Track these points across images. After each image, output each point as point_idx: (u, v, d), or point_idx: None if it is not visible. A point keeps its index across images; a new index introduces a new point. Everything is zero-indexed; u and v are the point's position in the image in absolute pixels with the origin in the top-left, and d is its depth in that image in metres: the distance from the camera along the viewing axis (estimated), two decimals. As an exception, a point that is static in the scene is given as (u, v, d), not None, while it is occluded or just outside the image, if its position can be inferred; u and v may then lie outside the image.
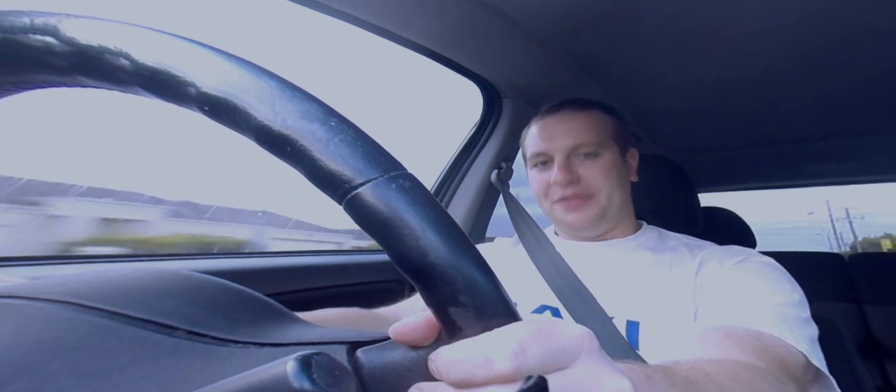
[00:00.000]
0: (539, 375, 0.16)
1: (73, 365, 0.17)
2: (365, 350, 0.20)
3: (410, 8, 0.76)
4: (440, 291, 0.17)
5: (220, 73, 0.18)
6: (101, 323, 0.20)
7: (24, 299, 0.20)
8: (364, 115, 0.27)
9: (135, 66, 0.18)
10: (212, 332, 0.21)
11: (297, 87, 0.18)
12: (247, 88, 0.17)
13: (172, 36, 0.18)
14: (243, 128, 0.17)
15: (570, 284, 0.62)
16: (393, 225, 0.17)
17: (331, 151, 0.17)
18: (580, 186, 0.67)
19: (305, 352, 0.16)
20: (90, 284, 0.22)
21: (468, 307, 0.17)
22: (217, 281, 0.25)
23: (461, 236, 0.18)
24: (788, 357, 0.44)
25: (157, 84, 0.18)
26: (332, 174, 0.17)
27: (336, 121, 0.18)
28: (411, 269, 0.17)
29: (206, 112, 0.18)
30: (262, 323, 0.23)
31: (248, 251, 0.87)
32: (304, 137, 0.17)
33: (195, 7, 1.10)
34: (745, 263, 0.57)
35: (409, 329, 0.19)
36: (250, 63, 0.18)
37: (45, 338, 0.18)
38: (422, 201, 0.17)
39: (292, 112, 0.17)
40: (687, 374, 0.33)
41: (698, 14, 0.80)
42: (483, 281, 0.17)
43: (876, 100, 1.16)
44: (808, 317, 0.51)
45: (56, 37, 0.18)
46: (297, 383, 0.15)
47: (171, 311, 0.21)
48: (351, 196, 0.17)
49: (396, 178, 0.17)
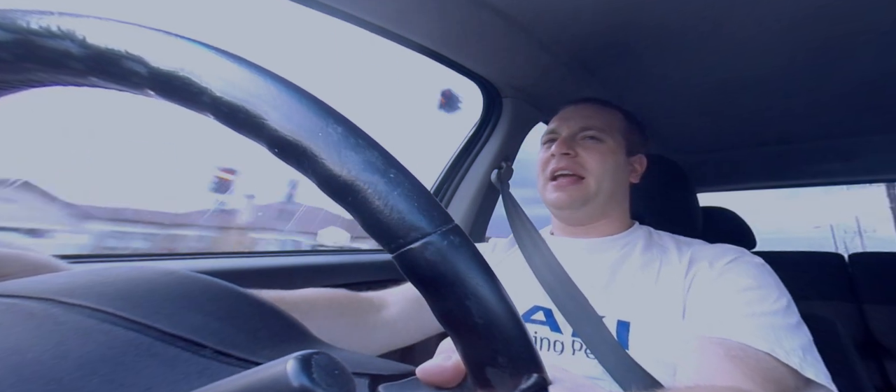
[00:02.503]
0: (539, 376, 0.16)
1: (112, 385, 0.18)
2: (387, 386, 0.20)
3: (411, 8, 0.76)
4: (480, 351, 0.17)
5: (295, 114, 0.18)
6: (135, 339, 0.20)
7: (58, 303, 0.21)
8: (364, 115, 0.27)
9: (213, 101, 0.18)
10: (237, 353, 0.21)
11: (361, 133, 0.18)
12: (316, 133, 0.17)
13: (254, 67, 0.18)
14: (309, 173, 0.18)
15: (562, 286, 0.63)
16: (441, 283, 0.17)
17: (389, 205, 0.17)
18: (574, 163, 0.69)
19: (306, 351, 0.16)
20: (119, 290, 0.23)
21: (505, 368, 0.17)
22: (238, 291, 0.25)
23: (505, 298, 0.18)
24: (783, 378, 0.45)
25: (234, 118, 0.18)
26: (389, 228, 0.17)
27: (395, 172, 0.18)
28: (454, 326, 0.17)
29: (276, 154, 0.18)
30: (282, 343, 0.23)
31: (247, 251, 0.87)
32: (365, 189, 0.17)
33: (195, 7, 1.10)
34: (734, 265, 0.57)
35: (437, 372, 0.20)
36: (320, 102, 0.18)
37: (82, 353, 0.18)
38: (470, 261, 0.17)
39: (357, 163, 0.17)
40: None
41: (698, 14, 0.80)
42: (522, 346, 0.18)
43: (876, 100, 1.16)
44: (798, 321, 0.51)
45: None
46: (296, 382, 0.15)
47: (198, 326, 0.22)
48: (404, 251, 0.17)
49: (447, 234, 0.17)
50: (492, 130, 1.12)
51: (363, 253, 1.04)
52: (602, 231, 0.71)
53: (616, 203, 0.72)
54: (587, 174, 0.68)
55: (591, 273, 0.64)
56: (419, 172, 0.19)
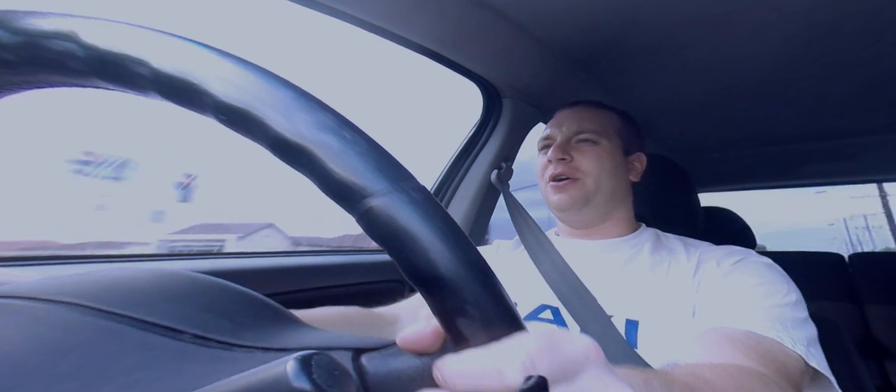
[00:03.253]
0: (539, 375, 0.16)
1: (80, 368, 0.17)
2: (369, 356, 0.20)
3: (410, 8, 0.76)
4: (448, 302, 0.17)
5: (237, 82, 0.18)
6: (108, 325, 0.20)
7: (30, 300, 0.20)
8: (364, 115, 0.27)
9: (153, 73, 0.18)
10: (217, 336, 0.21)
11: (312, 97, 0.18)
12: (263, 98, 0.17)
13: (190, 42, 0.18)
14: (259, 138, 0.18)
15: (569, 284, 0.62)
16: (404, 237, 0.17)
17: (344, 163, 0.17)
18: (570, 167, 0.69)
19: (305, 352, 0.16)
20: (95, 285, 0.22)
21: (475, 318, 0.17)
22: (221, 282, 0.25)
23: (470, 248, 0.18)
24: (788, 361, 0.45)
25: (175, 91, 0.18)
26: (346, 187, 0.17)
27: (350, 132, 0.18)
28: (421, 281, 0.17)
29: (222, 121, 0.18)
30: (266, 327, 0.23)
31: (247, 251, 0.87)
32: (319, 149, 0.17)
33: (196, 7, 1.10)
34: (742, 264, 0.57)
35: (416, 338, 0.19)
36: (267, 72, 0.18)
37: (49, 341, 0.18)
38: (432, 213, 0.17)
39: (308, 123, 0.17)
40: (686, 381, 0.34)
41: (698, 14, 0.80)
42: (490, 292, 0.17)
43: (876, 100, 1.16)
44: (805, 317, 0.51)
45: (76, 41, 0.18)
46: (297, 383, 0.15)
47: (176, 314, 0.21)
48: (364, 209, 0.17)
49: (407, 189, 0.17)
50: (492, 131, 1.12)
51: (363, 253, 1.04)
52: (609, 233, 0.71)
53: (618, 203, 0.72)
54: (583, 176, 0.69)
55: (599, 273, 0.64)
56: (419, 172, 0.19)
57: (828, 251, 1.76)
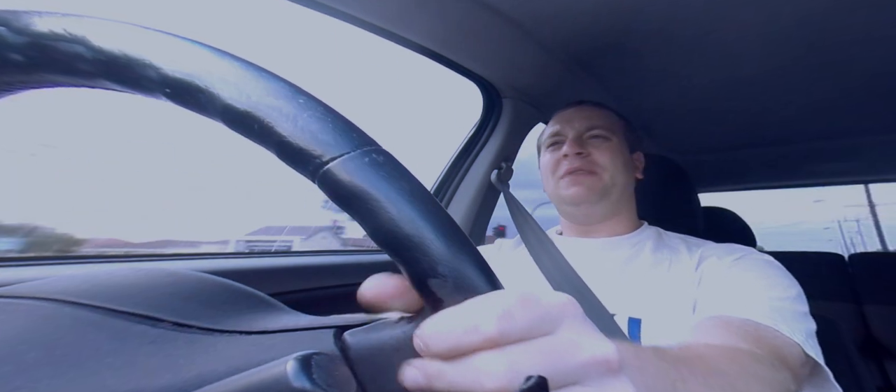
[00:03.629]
0: (539, 375, 0.16)
1: (52, 355, 0.17)
2: (352, 332, 0.20)
3: (410, 8, 0.76)
4: (418, 263, 0.17)
5: (181, 56, 0.17)
6: (83, 316, 0.19)
7: (5, 298, 0.20)
8: (365, 116, 0.27)
9: (93, 54, 0.17)
10: (196, 323, 0.20)
11: (262, 68, 0.18)
12: (210, 69, 0.17)
13: (129, 24, 0.18)
14: (209, 110, 0.17)
15: (571, 283, 0.63)
16: (367, 199, 0.16)
17: (299, 127, 0.17)
18: (588, 161, 0.69)
19: (305, 352, 0.16)
20: (75, 282, 0.22)
21: (447, 278, 0.17)
22: (203, 275, 0.24)
23: (436, 207, 0.17)
24: (785, 348, 0.45)
25: (118, 70, 0.18)
26: (302, 150, 0.17)
27: (304, 98, 0.17)
28: (387, 243, 0.17)
29: (168, 95, 0.17)
30: (248, 313, 0.22)
31: (247, 251, 0.87)
32: (271, 114, 0.17)
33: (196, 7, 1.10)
34: (743, 260, 0.57)
35: (379, 284, 0.19)
36: (212, 46, 0.18)
37: (24, 331, 0.18)
38: (395, 174, 0.17)
39: (258, 90, 0.17)
40: (678, 354, 0.34)
41: (698, 14, 0.80)
42: (460, 250, 0.17)
43: (876, 100, 1.16)
44: (805, 312, 0.51)
45: (8, 27, 0.18)
46: (296, 383, 0.15)
47: (155, 304, 0.21)
48: (323, 171, 0.17)
49: (369, 152, 0.17)
50: (492, 131, 1.12)
51: (363, 253, 1.04)
52: (612, 230, 0.71)
53: (626, 199, 0.72)
54: (601, 171, 0.69)
55: (601, 271, 0.64)
56: (419, 172, 0.18)
57: (828, 251, 1.76)
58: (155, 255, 0.76)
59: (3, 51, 0.18)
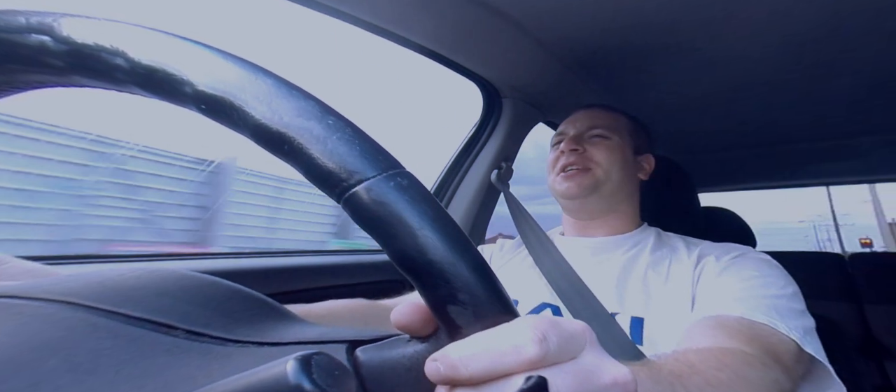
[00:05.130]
0: (539, 375, 0.16)
1: (70, 363, 0.17)
2: (364, 349, 0.20)
3: (410, 8, 0.76)
4: (439, 290, 0.17)
5: (217, 71, 0.17)
6: (99, 322, 0.19)
7: (20, 299, 0.20)
8: (364, 115, 0.27)
9: (131, 65, 0.18)
10: (210, 331, 0.21)
11: (294, 86, 0.18)
12: (243, 86, 0.17)
13: (168, 34, 0.18)
14: (240, 126, 0.17)
15: (570, 283, 0.63)
16: (391, 223, 0.17)
17: (328, 150, 0.17)
18: (582, 158, 0.71)
19: (305, 352, 0.16)
20: (87, 284, 0.22)
21: (467, 305, 0.17)
22: (214, 279, 0.25)
23: (459, 234, 0.17)
24: (779, 345, 0.45)
25: (154, 83, 0.18)
26: (331, 174, 0.17)
27: (334, 119, 0.17)
28: (409, 268, 0.17)
29: (203, 111, 0.18)
30: (260, 322, 0.23)
31: (247, 251, 0.87)
32: (301, 135, 0.17)
33: (196, 7, 1.10)
34: (741, 258, 0.58)
35: (409, 310, 0.19)
36: (247, 61, 0.18)
37: (42, 337, 0.18)
38: (420, 199, 0.17)
39: (289, 110, 0.17)
40: (672, 368, 0.34)
41: (698, 15, 0.80)
42: (481, 279, 0.17)
43: (876, 100, 1.16)
44: (803, 309, 0.51)
45: (52, 36, 0.18)
46: (296, 383, 0.15)
47: (168, 309, 0.21)
48: (349, 195, 0.17)
49: (394, 176, 0.17)
50: (492, 131, 1.12)
51: (364, 253, 1.04)
52: (612, 229, 0.72)
53: (625, 197, 0.73)
54: (594, 167, 0.70)
55: (603, 271, 0.65)
56: (419, 172, 0.18)
57: (828, 251, 1.76)
58: (155, 254, 0.76)
59: (43, 56, 0.18)
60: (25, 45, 0.18)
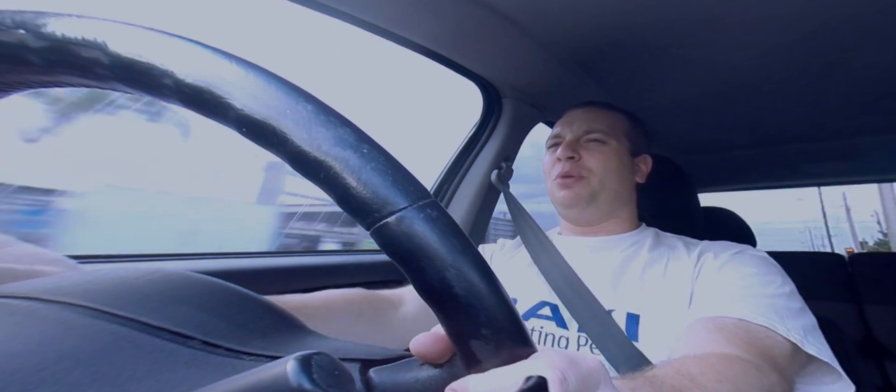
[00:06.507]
0: (539, 375, 0.16)
1: (93, 376, 0.17)
2: (378, 370, 0.20)
3: (410, 8, 0.76)
4: (462, 323, 0.17)
5: (262, 94, 0.18)
6: (119, 331, 0.20)
7: (40, 301, 0.20)
8: (364, 116, 0.27)
9: (176, 82, 0.18)
10: (225, 343, 0.21)
11: (332, 111, 0.18)
12: (285, 112, 0.17)
13: (216, 52, 0.18)
14: (279, 150, 0.18)
15: (569, 282, 0.63)
16: (419, 257, 0.17)
17: (362, 181, 0.17)
18: (578, 166, 0.70)
19: (305, 352, 0.16)
20: (104, 287, 0.22)
21: (489, 340, 0.17)
22: (226, 285, 0.25)
23: (486, 270, 0.18)
24: (776, 348, 0.45)
25: (199, 101, 0.18)
26: (363, 203, 0.17)
27: (368, 147, 0.18)
28: (435, 299, 0.17)
29: (244, 133, 0.18)
30: (273, 333, 0.23)
31: (246, 252, 0.87)
32: (337, 166, 0.17)
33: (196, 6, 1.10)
34: (738, 256, 0.58)
35: (432, 340, 0.20)
36: (290, 84, 0.18)
37: (65, 346, 0.18)
38: (449, 233, 0.17)
39: (327, 139, 0.17)
40: (672, 383, 0.34)
41: (698, 15, 0.80)
42: (505, 315, 0.17)
43: (876, 100, 1.16)
44: (801, 307, 0.51)
45: (103, 49, 0.18)
46: (296, 383, 0.15)
47: (185, 319, 0.21)
48: (379, 225, 0.17)
49: (424, 207, 0.17)
50: (492, 131, 1.12)
51: (364, 253, 1.04)
52: (610, 230, 0.72)
53: (622, 202, 0.72)
54: (589, 175, 0.69)
55: (600, 269, 0.65)
56: (419, 172, 0.19)
57: (828, 251, 1.76)
58: (155, 254, 0.76)
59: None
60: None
